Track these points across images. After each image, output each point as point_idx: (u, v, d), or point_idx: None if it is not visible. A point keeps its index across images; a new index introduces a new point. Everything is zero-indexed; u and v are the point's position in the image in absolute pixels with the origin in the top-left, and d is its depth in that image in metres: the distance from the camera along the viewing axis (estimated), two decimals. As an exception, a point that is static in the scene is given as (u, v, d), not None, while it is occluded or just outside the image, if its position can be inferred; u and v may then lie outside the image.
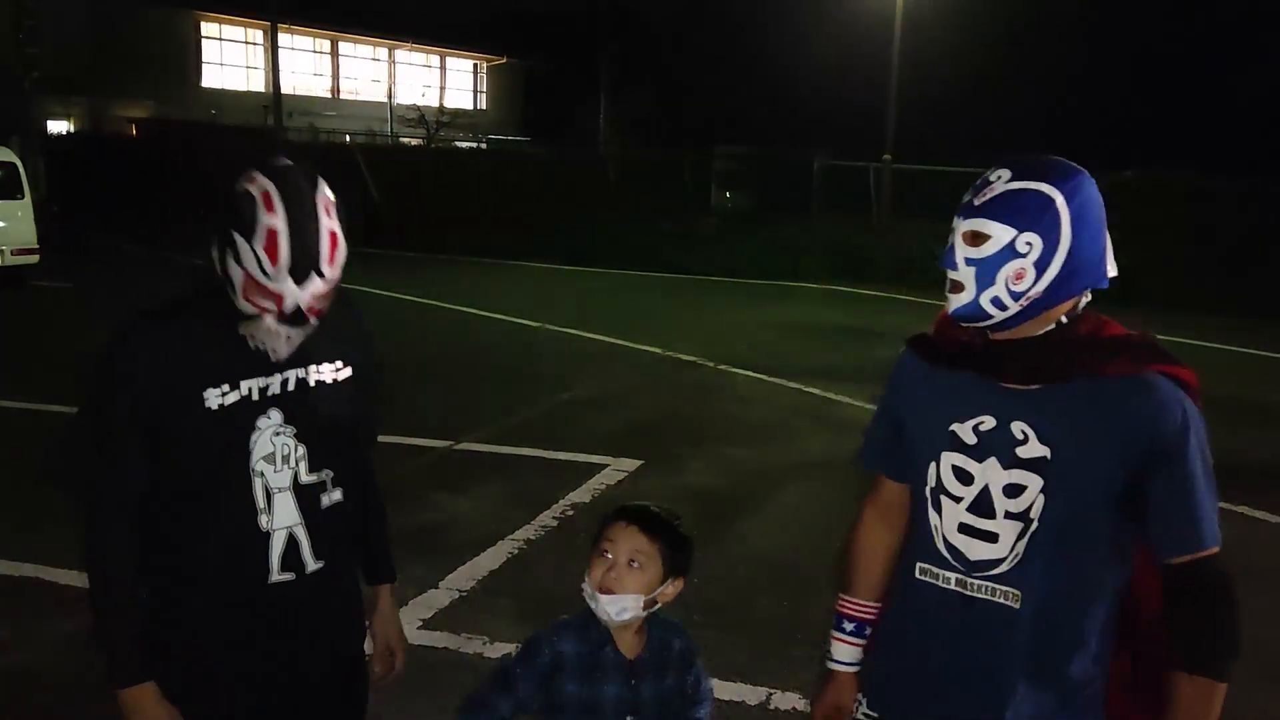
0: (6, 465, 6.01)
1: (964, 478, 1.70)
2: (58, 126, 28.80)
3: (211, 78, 33.85)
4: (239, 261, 1.70)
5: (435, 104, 37.02)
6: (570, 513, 5.42)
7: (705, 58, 38.70)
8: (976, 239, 1.63)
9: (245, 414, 1.79)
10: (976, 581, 1.70)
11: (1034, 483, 1.64)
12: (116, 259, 16.76)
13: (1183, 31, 31.54)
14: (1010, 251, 1.61)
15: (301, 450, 1.85)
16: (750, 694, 3.60)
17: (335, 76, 37.98)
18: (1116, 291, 1.78)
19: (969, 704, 1.73)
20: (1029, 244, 1.60)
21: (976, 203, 1.64)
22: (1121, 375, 1.61)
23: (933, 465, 1.74)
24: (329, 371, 1.90)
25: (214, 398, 1.76)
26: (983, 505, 1.68)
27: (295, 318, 1.74)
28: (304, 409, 1.85)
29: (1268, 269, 14.09)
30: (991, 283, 1.62)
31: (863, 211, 18.92)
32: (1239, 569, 1.66)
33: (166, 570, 1.82)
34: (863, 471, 1.96)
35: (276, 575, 1.84)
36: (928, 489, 1.75)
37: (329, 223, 1.73)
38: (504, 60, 42.17)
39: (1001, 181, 1.64)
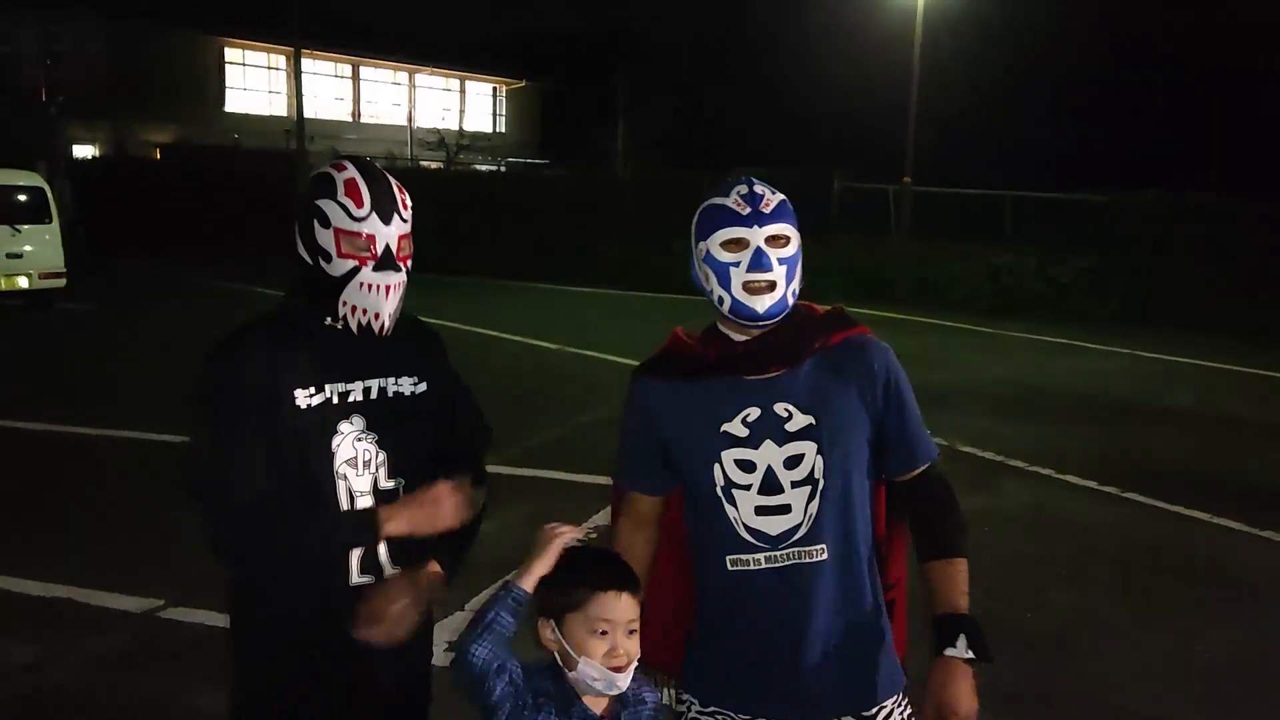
0: (37, 487, 6.09)
1: (747, 467, 1.88)
2: (83, 151, 29.17)
3: (234, 102, 34.25)
4: (327, 223, 1.86)
5: (455, 127, 37.31)
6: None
7: (723, 79, 38.89)
8: (781, 241, 1.88)
9: (328, 416, 1.89)
10: (782, 553, 1.88)
11: (810, 448, 1.87)
12: (141, 281, 16.95)
13: (1201, 51, 31.51)
14: (799, 249, 1.91)
15: (382, 457, 1.95)
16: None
17: (356, 100, 38.35)
18: (1137, 311, 1.86)
19: (788, 658, 1.88)
20: (800, 243, 1.92)
21: (766, 210, 1.88)
22: (840, 340, 1.93)
23: (716, 467, 1.89)
24: (407, 385, 2.00)
25: (303, 397, 1.87)
26: (770, 484, 1.87)
27: (387, 260, 1.87)
28: (384, 418, 1.95)
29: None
30: (794, 277, 1.90)
31: (882, 233, 18.88)
32: (1252, 592, 1.67)
33: (255, 569, 1.89)
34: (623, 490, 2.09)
35: (356, 578, 1.91)
36: (718, 489, 1.90)
37: (393, 180, 1.92)
38: (523, 83, 42.48)
39: (770, 192, 1.91)
